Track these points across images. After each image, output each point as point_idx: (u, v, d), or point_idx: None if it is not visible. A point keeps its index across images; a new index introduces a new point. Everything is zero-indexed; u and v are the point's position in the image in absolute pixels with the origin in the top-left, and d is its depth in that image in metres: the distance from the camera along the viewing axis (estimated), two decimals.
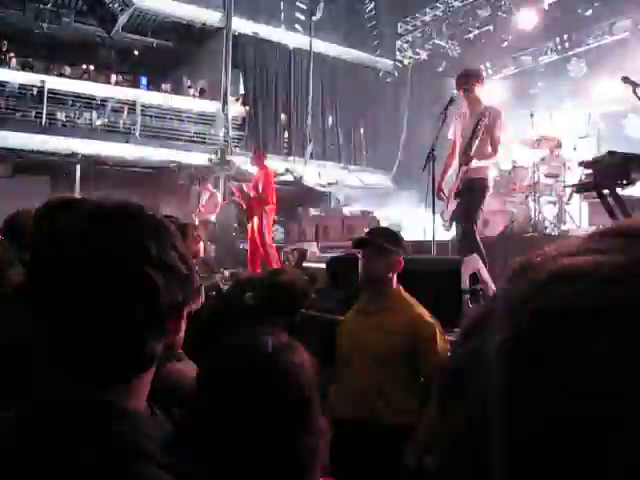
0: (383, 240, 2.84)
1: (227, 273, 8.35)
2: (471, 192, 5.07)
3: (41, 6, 11.43)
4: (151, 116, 13.85)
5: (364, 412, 2.71)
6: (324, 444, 1.12)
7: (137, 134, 13.43)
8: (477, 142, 5.03)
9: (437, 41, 13.91)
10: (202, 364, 1.27)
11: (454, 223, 5.22)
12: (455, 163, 5.25)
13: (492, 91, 9.63)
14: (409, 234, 6.53)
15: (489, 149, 5.10)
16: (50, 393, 0.81)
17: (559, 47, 11.75)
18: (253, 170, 8.42)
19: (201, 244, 5.20)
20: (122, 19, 11.24)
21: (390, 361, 2.69)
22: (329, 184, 14.93)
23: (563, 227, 7.47)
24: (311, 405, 1.12)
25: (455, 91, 5.43)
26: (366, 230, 3.28)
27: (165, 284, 0.81)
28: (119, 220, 0.82)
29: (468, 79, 5.20)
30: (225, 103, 14.34)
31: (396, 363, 2.70)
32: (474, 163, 5.03)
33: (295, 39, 15.12)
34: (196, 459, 0.95)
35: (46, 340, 0.81)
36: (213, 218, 10.28)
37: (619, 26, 10.50)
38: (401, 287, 2.91)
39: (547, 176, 7.81)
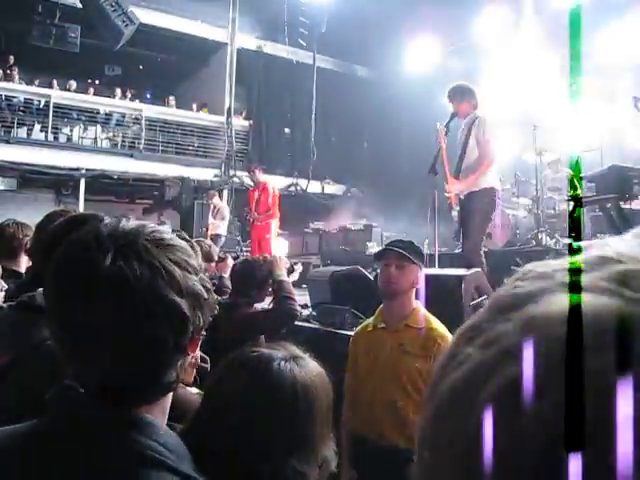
0: (406, 252, 2.67)
1: None
2: (472, 205, 5.03)
3: (47, 21, 11.54)
4: (155, 130, 13.94)
5: (378, 432, 2.58)
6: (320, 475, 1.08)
7: (141, 148, 13.51)
8: (468, 152, 5.03)
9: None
10: (210, 376, 1.27)
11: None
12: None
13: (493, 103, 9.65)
14: None
15: (480, 157, 5.04)
16: (70, 407, 0.81)
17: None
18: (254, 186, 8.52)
19: (229, 261, 5.26)
20: (127, 34, 11.33)
21: (408, 381, 2.55)
22: (332, 197, 14.98)
23: (565, 240, 7.45)
24: (307, 432, 1.07)
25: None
26: (371, 243, 3.21)
27: (191, 310, 0.81)
28: (144, 245, 0.81)
29: (456, 94, 5.20)
30: (229, 117, 14.42)
31: (414, 383, 2.54)
32: (469, 176, 5.01)
33: (298, 54, 15.21)
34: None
35: (70, 362, 0.82)
36: (224, 232, 10.26)
37: None
38: (420, 303, 2.72)
39: (550, 189, 7.83)
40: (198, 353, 0.93)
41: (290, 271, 3.58)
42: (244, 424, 1.04)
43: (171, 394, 0.89)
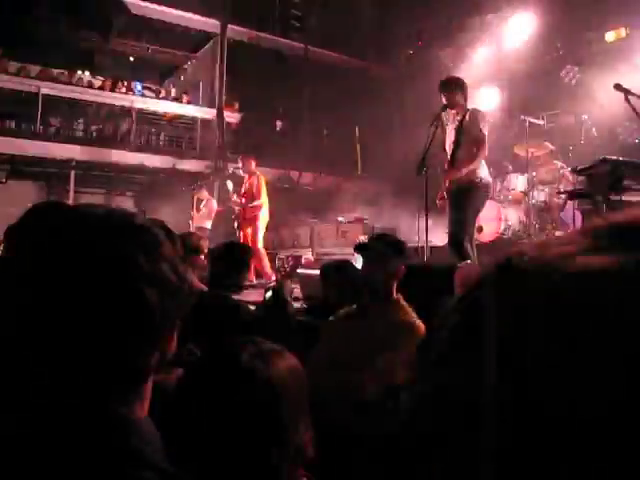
0: (384, 246, 2.76)
1: None
2: (461, 197, 5.00)
3: (37, 11, 11.44)
4: (146, 122, 13.86)
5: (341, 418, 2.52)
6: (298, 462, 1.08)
7: (132, 140, 13.42)
8: (460, 144, 5.03)
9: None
10: (185, 369, 1.25)
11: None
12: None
13: (484, 97, 9.66)
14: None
15: (473, 150, 5.04)
16: (50, 400, 0.78)
17: (553, 54, 11.80)
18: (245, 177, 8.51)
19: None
20: (117, 25, 11.26)
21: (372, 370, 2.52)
22: (324, 190, 14.94)
23: (557, 234, 7.47)
24: (282, 421, 1.07)
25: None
26: (363, 237, 3.25)
27: (159, 299, 0.77)
28: (106, 232, 0.77)
29: (449, 87, 5.18)
30: (220, 109, 14.35)
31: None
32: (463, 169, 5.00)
33: (290, 45, 15.15)
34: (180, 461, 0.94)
35: (41, 352, 0.78)
36: (209, 225, 10.23)
37: (612, 33, 10.55)
38: (401, 296, 2.78)
39: (541, 183, 7.84)
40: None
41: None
42: (209, 419, 1.04)
43: (149, 385, 0.85)
